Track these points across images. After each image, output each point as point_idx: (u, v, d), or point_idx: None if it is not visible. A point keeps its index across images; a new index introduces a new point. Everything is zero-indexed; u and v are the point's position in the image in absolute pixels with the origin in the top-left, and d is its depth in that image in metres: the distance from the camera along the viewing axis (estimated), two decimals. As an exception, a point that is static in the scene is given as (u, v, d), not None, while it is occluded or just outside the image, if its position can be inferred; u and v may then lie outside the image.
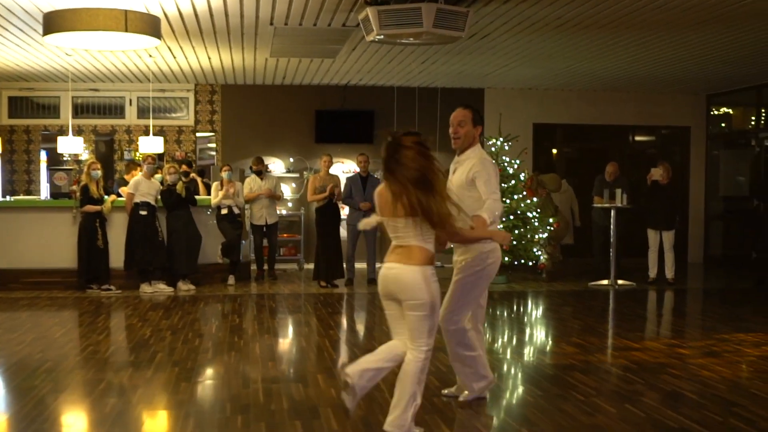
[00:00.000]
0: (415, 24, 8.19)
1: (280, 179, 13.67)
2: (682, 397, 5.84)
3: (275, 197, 12.49)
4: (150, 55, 11.34)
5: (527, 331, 8.88)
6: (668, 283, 12.13)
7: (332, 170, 14.14)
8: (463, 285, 5.33)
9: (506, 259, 11.93)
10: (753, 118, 14.87)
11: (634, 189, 12.57)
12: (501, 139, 12.41)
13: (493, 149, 12.42)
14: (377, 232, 12.18)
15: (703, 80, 13.84)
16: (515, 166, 12.34)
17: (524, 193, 12.23)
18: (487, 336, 8.11)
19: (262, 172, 12.52)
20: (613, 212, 12.07)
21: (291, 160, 14.44)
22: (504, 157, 12.36)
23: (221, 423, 5.11)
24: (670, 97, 15.39)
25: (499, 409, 5.60)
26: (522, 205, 12.09)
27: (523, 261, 12.15)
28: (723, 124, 16.00)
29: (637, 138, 16.06)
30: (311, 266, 13.96)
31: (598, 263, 12.80)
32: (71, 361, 6.96)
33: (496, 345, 7.84)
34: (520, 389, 6.20)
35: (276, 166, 14.42)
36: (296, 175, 14.38)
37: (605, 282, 12.05)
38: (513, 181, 12.19)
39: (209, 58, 11.71)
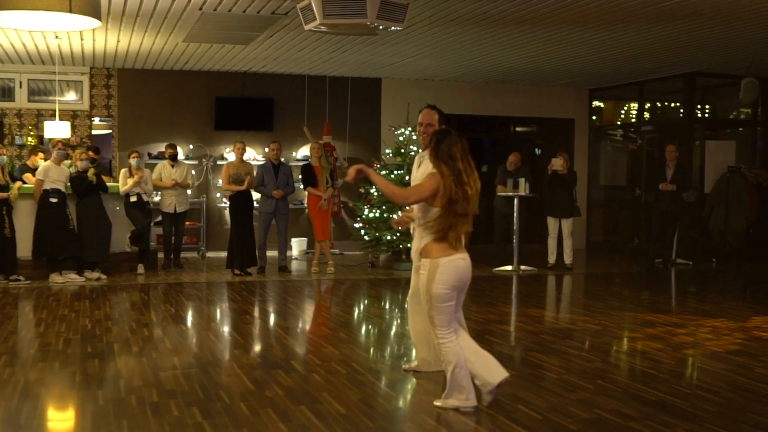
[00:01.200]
0: (360, 15, 8.28)
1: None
2: (646, 374, 6.24)
3: (183, 186, 12.28)
4: (57, 36, 10.90)
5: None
6: (567, 268, 12.73)
7: (231, 158, 14.13)
8: None
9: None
10: (634, 111, 15.77)
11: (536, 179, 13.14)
12: (410, 128, 12.66)
13: (401, 138, 12.66)
14: (288, 220, 12.24)
15: (587, 75, 14.55)
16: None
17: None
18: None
19: (174, 157, 12.32)
20: (516, 200, 12.55)
21: (191, 147, 14.20)
22: (412, 147, 12.62)
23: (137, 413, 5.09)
24: (556, 91, 16.08)
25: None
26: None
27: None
28: (601, 117, 16.86)
29: (522, 129, 16.71)
30: (215, 254, 13.91)
31: (499, 250, 13.26)
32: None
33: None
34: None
35: (175, 153, 14.15)
36: (195, 162, 14.15)
37: (509, 268, 12.53)
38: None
39: (118, 42, 11.37)
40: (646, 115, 15.51)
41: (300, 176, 12.46)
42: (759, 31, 10.37)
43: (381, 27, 8.59)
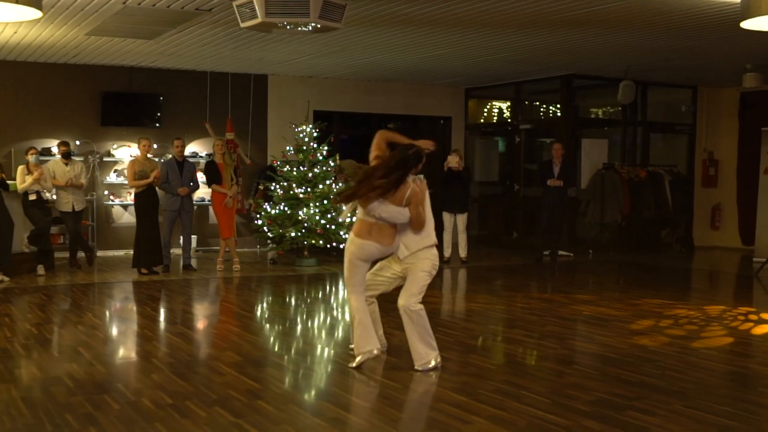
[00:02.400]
0: (303, 14, 8.35)
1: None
2: (608, 359, 6.69)
3: (77, 186, 11.84)
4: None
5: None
6: (463, 262, 13.20)
7: (119, 154, 13.75)
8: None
9: (319, 242, 12.34)
10: (509, 110, 16.49)
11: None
12: (310, 126, 12.75)
13: (302, 135, 12.72)
14: (193, 218, 12.08)
15: (465, 75, 15.08)
16: (324, 152, 12.73)
17: (334, 178, 12.68)
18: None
19: (68, 155, 11.86)
20: (414, 196, 12.86)
21: (77, 143, 13.66)
22: (312, 144, 12.71)
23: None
24: (434, 89, 16.55)
25: (483, 378, 6.06)
26: (335, 189, 12.53)
27: (334, 245, 12.60)
28: (477, 116, 17.51)
29: (406, 127, 17.08)
30: (102, 254, 13.49)
31: (395, 245, 13.55)
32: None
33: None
34: (474, 360, 6.71)
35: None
36: (81, 158, 13.62)
37: (409, 262, 12.83)
38: (324, 167, 12.60)
39: (14, 33, 10.84)
40: (523, 114, 16.25)
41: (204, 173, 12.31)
42: (633, 37, 11.07)
43: (318, 26, 8.67)
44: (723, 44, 11.37)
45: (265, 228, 12.51)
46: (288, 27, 8.67)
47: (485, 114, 17.48)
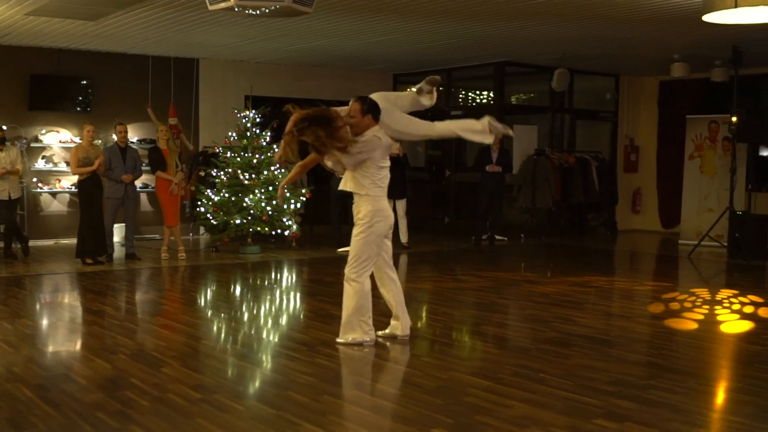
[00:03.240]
0: (278, -1, 8.21)
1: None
2: (601, 340, 6.88)
3: (13, 173, 11.34)
4: None
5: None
6: (404, 247, 13.27)
7: (47, 140, 13.25)
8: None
9: (265, 229, 12.20)
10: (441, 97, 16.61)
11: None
12: (253, 111, 12.56)
13: (244, 120, 12.53)
14: (136, 206, 11.77)
15: (396, 61, 15.11)
16: (267, 138, 12.56)
17: (278, 164, 12.53)
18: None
19: (2, 141, 11.33)
20: (357, 182, 12.85)
21: (4, 128, 13.01)
22: (256, 130, 12.53)
23: None
24: (364, 75, 16.53)
25: (495, 363, 6.13)
26: (280, 176, 12.39)
27: (279, 231, 12.47)
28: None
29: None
30: (39, 243, 12.99)
31: (336, 231, 13.53)
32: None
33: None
34: (477, 345, 6.78)
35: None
36: (8, 144, 13.00)
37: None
38: (270, 153, 12.44)
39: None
40: (454, 100, 16.40)
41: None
42: (567, 27, 11.31)
43: (288, 10, 8.53)
44: (652, 35, 11.70)
45: (209, 215, 12.27)
46: (257, 12, 8.50)
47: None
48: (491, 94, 15.94)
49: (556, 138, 16.02)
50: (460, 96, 16.82)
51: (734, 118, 12.22)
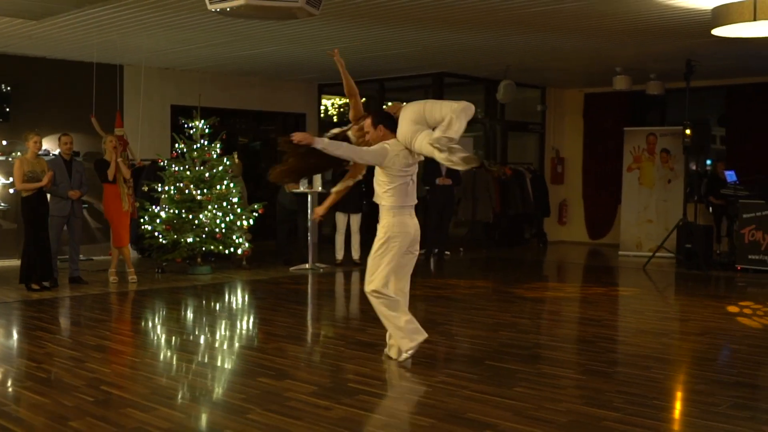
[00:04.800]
0: (291, -1, 7.60)
1: None
2: (587, 342, 6.63)
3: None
4: None
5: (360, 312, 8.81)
6: (356, 264, 12.75)
7: None
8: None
9: (219, 248, 11.43)
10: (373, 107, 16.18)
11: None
12: (202, 121, 11.75)
13: (193, 131, 11.72)
14: (81, 224, 10.78)
15: (321, 71, 14.59)
16: (218, 150, 11.78)
17: (229, 178, 11.79)
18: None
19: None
20: (310, 197, 12.26)
21: None
22: (204, 141, 11.74)
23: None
24: (289, 85, 15.91)
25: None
26: (234, 191, 11.65)
27: (232, 250, 11.69)
28: (337, 113, 17.06)
29: (263, 123, 16.30)
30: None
31: (282, 247, 12.87)
32: None
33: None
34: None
35: None
36: None
37: (306, 266, 12.22)
38: (221, 167, 11.67)
39: None
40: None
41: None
42: (512, 38, 11.16)
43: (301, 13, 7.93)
44: (599, 46, 11.68)
45: (157, 233, 11.36)
46: (265, 12, 7.84)
47: (343, 110, 17.07)
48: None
49: (490, 150, 15.88)
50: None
51: (688, 131, 12.38)
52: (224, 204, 11.45)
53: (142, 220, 11.47)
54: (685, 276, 11.81)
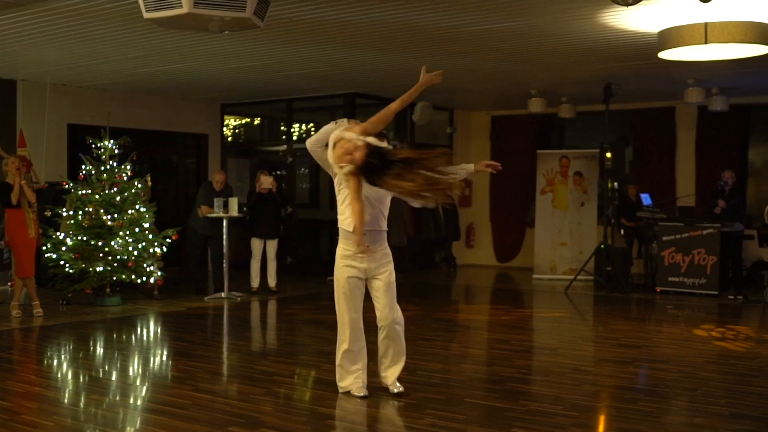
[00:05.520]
0: (237, 8, 7.05)
1: None
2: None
3: None
4: None
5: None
6: (272, 292, 12.17)
7: None
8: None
9: (131, 277, 10.66)
10: (281, 127, 15.68)
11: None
12: (112, 141, 10.97)
13: (101, 150, 10.93)
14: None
15: (221, 88, 13.97)
16: (128, 172, 11.01)
17: (141, 202, 11.04)
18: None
19: None
20: (225, 222, 11.63)
21: None
22: (113, 162, 10.96)
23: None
24: (191, 104, 15.21)
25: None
26: (147, 215, 10.91)
27: (144, 279, 10.93)
28: (242, 133, 16.44)
29: (164, 144, 15.49)
30: None
31: (195, 275, 12.17)
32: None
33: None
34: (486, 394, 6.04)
35: None
36: None
37: (222, 295, 11.57)
38: (133, 190, 10.91)
39: None
40: (298, 132, 15.52)
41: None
42: (432, 59, 10.63)
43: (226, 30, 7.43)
44: (515, 68, 11.55)
45: (63, 262, 10.48)
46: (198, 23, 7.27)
47: (250, 131, 16.49)
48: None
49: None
50: (302, 129, 15.91)
51: (609, 154, 12.42)
52: (136, 230, 10.68)
53: (44, 248, 10.56)
54: (609, 299, 11.77)
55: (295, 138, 15.25)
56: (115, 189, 10.82)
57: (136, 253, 10.59)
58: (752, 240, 12.70)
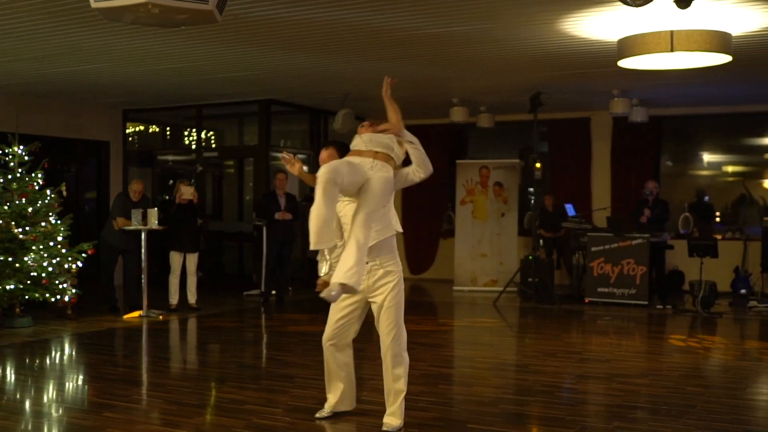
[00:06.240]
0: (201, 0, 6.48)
1: None
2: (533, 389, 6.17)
3: None
4: None
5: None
6: (193, 309, 11.47)
7: None
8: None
9: (45, 295, 9.79)
10: (190, 135, 14.90)
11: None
12: (22, 147, 10.05)
13: (9, 158, 10.01)
14: None
15: (125, 93, 13.16)
16: (40, 181, 10.11)
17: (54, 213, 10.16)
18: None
19: None
20: (143, 235, 10.86)
21: None
22: (22, 170, 10.06)
23: None
24: (92, 109, 14.28)
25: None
26: (62, 228, 10.05)
27: (58, 297, 10.06)
28: (146, 141, 15.56)
29: (62, 151, 14.43)
30: None
31: (108, 292, 11.32)
32: None
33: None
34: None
35: None
36: None
37: (141, 313, 10.79)
38: (46, 200, 10.02)
39: None
40: (207, 140, 14.79)
41: None
42: (358, 64, 10.45)
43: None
44: (447, 76, 11.28)
45: (-33, 281, 9.51)
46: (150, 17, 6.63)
47: (155, 139, 15.62)
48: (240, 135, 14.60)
49: (316, 183, 15.05)
50: (212, 137, 15.19)
51: (538, 164, 12.31)
52: (50, 243, 9.80)
53: (-56, 265, 9.55)
54: (542, 311, 11.60)
55: (204, 145, 14.51)
56: (24, 199, 9.89)
57: (50, 269, 9.71)
58: (672, 249, 12.83)
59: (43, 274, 9.66)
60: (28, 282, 9.58)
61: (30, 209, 9.80)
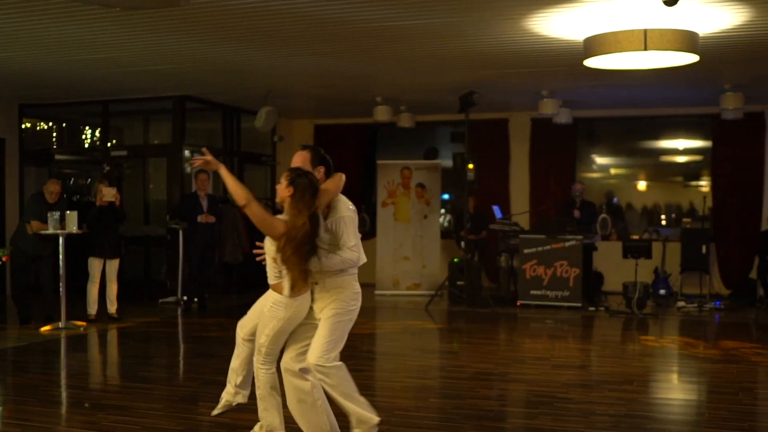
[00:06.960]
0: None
1: None
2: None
3: None
4: None
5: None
6: (113, 319, 10.69)
7: None
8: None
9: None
10: (95, 133, 13.97)
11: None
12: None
13: None
14: None
15: (23, 86, 12.19)
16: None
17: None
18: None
19: None
20: (62, 240, 10.03)
21: None
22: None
23: None
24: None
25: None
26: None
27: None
28: (45, 138, 14.48)
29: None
30: None
31: (21, 304, 10.41)
32: None
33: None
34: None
35: None
36: None
37: (60, 324, 9.97)
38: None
39: None
40: (118, 138, 13.89)
41: None
42: (288, 59, 10.02)
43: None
44: (366, 71, 10.90)
45: None
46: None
47: (43, 136, 14.56)
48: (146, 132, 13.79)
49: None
50: (118, 133, 14.27)
51: (471, 165, 12.10)
52: (-34, 253, 8.89)
53: None
54: (478, 315, 11.39)
55: (109, 144, 13.62)
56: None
57: (-37, 279, 8.79)
58: (596, 251, 12.88)
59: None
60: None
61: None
